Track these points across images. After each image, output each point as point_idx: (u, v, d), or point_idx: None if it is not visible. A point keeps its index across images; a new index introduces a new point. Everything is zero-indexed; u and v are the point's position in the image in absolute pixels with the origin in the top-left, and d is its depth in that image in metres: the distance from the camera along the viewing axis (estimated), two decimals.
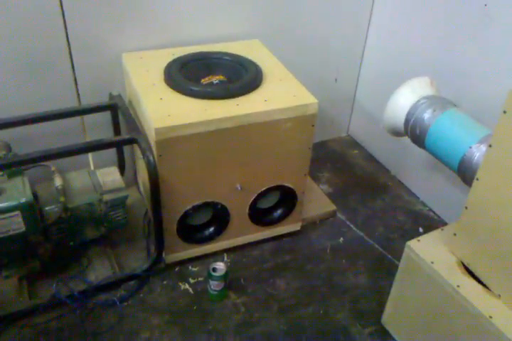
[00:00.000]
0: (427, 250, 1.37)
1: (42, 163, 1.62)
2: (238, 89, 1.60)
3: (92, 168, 2.02)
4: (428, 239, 1.41)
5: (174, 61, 1.71)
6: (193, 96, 1.58)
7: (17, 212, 1.48)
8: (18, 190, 1.50)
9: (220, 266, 1.70)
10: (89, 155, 2.01)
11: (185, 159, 1.56)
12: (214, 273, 1.67)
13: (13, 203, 1.46)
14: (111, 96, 1.80)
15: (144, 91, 1.61)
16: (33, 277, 1.72)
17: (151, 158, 1.52)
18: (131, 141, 1.60)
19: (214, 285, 1.69)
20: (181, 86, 1.60)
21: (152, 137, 1.49)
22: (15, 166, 1.51)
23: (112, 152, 1.95)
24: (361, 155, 2.50)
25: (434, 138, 1.55)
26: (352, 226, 2.06)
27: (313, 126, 1.67)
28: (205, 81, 1.67)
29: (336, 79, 2.38)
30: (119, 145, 1.87)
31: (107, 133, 1.86)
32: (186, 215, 1.71)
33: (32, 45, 1.67)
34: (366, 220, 2.10)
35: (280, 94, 1.63)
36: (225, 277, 1.69)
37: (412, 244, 1.40)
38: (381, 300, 1.69)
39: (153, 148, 1.51)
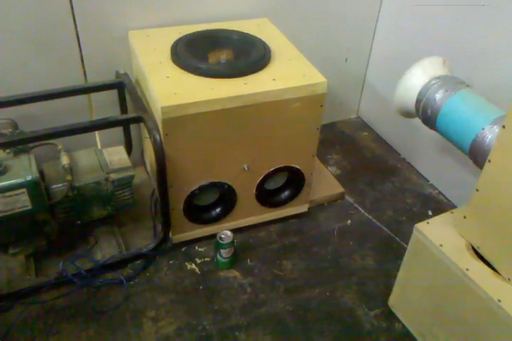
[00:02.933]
0: (436, 233, 1.35)
1: (48, 142, 1.61)
2: (246, 67, 1.57)
3: (99, 147, 2.01)
4: (437, 222, 1.39)
5: (181, 39, 1.68)
6: (200, 75, 1.55)
7: (23, 190, 1.48)
8: (25, 168, 1.49)
9: (227, 234, 1.72)
10: (97, 135, 2.00)
11: (192, 138, 1.55)
12: (223, 242, 1.69)
13: (20, 181, 1.46)
14: (117, 75, 1.77)
15: (151, 70, 1.58)
16: (40, 255, 1.73)
17: (157, 136, 1.50)
18: (137, 120, 1.58)
19: (225, 253, 1.72)
20: (188, 64, 1.57)
21: (158, 116, 1.47)
22: (20, 144, 1.51)
23: (119, 131, 1.94)
24: (370, 137, 2.47)
25: (445, 119, 1.51)
26: (360, 208, 2.05)
27: (322, 106, 1.64)
28: (212, 59, 1.64)
29: (346, 59, 2.34)
30: (124, 124, 1.85)
31: (113, 112, 1.85)
32: (193, 195, 1.70)
33: (38, 22, 1.65)
34: (374, 203, 2.08)
35: (289, 74, 1.60)
36: (233, 243, 1.72)
37: (421, 226, 1.38)
38: (388, 283, 1.68)
39: (160, 127, 1.50)
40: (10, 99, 1.61)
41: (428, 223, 1.39)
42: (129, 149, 1.97)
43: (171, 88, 1.50)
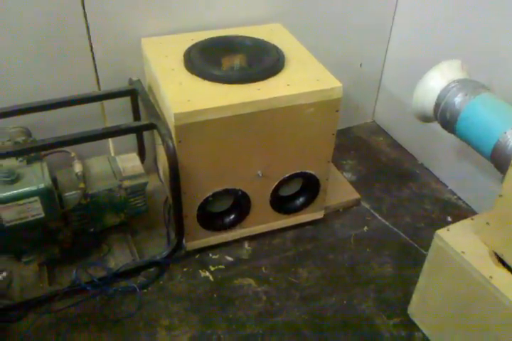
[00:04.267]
0: (458, 239, 1.31)
1: (62, 149, 1.60)
2: (259, 73, 1.56)
3: (112, 154, 2.00)
4: (458, 228, 1.35)
5: (194, 46, 1.67)
6: (213, 81, 1.54)
7: (36, 198, 1.46)
8: (37, 176, 1.48)
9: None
10: (110, 142, 1.99)
11: (205, 145, 1.53)
12: None
13: (32, 188, 1.45)
14: (130, 82, 1.77)
15: (164, 76, 1.57)
16: (53, 263, 1.72)
17: (170, 143, 1.48)
18: (150, 127, 1.57)
19: None
20: (201, 70, 1.56)
21: (171, 122, 1.46)
22: (33, 152, 1.50)
23: (132, 138, 1.93)
24: (387, 142, 2.43)
25: (465, 123, 1.48)
26: (377, 214, 2.01)
27: (337, 111, 1.61)
28: (225, 65, 1.62)
29: (360, 64, 2.31)
30: (137, 131, 1.84)
31: (126, 119, 1.83)
32: (207, 202, 1.67)
33: (50, 30, 1.65)
34: (392, 209, 2.04)
35: (303, 79, 1.58)
36: None
37: (442, 233, 1.34)
38: (407, 290, 1.64)
39: (173, 134, 1.48)
40: (23, 107, 1.61)
41: (449, 230, 1.35)
42: (142, 156, 1.96)
43: (184, 95, 1.49)
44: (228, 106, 1.46)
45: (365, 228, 1.95)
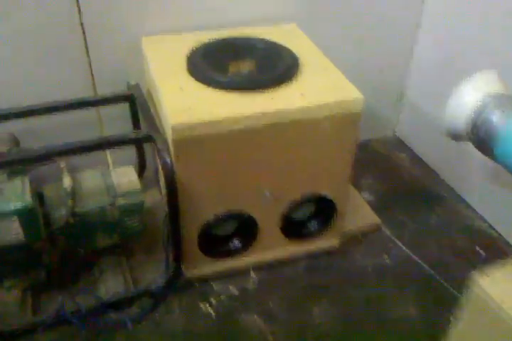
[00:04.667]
0: (498, 287, 1.10)
1: (50, 160, 1.44)
2: (270, 80, 1.39)
3: (110, 164, 1.85)
4: (499, 275, 1.14)
5: (199, 47, 1.51)
6: (218, 88, 1.37)
7: (14, 218, 1.30)
8: (16, 193, 1.32)
9: None
10: (107, 151, 1.83)
11: (208, 161, 1.36)
12: None
13: (8, 208, 1.28)
14: (129, 86, 1.61)
15: (162, 80, 1.41)
16: (39, 289, 1.55)
17: (167, 159, 1.32)
18: (146, 139, 1.41)
19: None
20: (205, 75, 1.39)
21: (169, 135, 1.29)
22: (13, 165, 1.34)
23: (132, 148, 1.76)
24: (410, 159, 2.23)
25: (504, 144, 1.29)
26: (399, 243, 1.81)
27: (357, 126, 1.43)
28: (232, 70, 1.48)
29: (381, 70, 2.12)
30: (131, 143, 1.67)
31: (125, 127, 1.68)
32: (208, 225, 1.50)
33: (40, 26, 1.51)
34: (415, 236, 1.84)
35: (319, 88, 1.41)
36: None
37: (480, 279, 1.13)
38: (433, 335, 1.42)
39: (171, 148, 1.31)
40: (11, 111, 1.46)
41: (488, 276, 1.14)
42: (142, 167, 1.81)
43: (184, 102, 1.32)
44: (235, 118, 1.30)
45: (386, 258, 1.74)
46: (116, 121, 1.71)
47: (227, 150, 1.35)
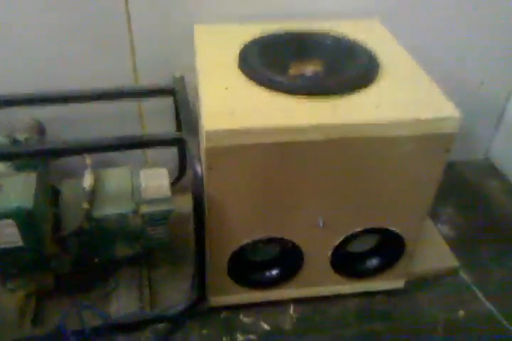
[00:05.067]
0: None
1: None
2: (339, 85, 1.12)
3: (149, 162, 1.68)
4: None
5: (256, 39, 1.28)
6: (273, 90, 1.11)
7: (9, 221, 1.11)
8: (17, 191, 1.12)
9: None
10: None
11: (247, 177, 1.11)
12: None
13: (5, 208, 1.09)
14: (174, 79, 1.39)
15: (207, 76, 1.18)
16: (44, 295, 1.38)
17: (198, 169, 1.07)
18: (177, 142, 1.17)
19: None
20: (259, 73, 1.14)
21: (203, 141, 1.04)
22: (16, 158, 1.15)
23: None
24: (503, 189, 1.90)
25: None
26: (479, 293, 1.48)
27: (448, 151, 1.11)
28: (294, 70, 1.22)
29: (481, 82, 1.80)
30: (160, 145, 1.44)
31: (168, 121, 1.49)
32: (242, 251, 1.25)
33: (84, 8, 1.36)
34: (502, 287, 1.51)
35: (401, 99, 1.12)
36: None
37: None
38: None
39: (203, 157, 1.06)
40: (41, 95, 1.33)
41: None
42: (182, 169, 1.60)
43: (227, 105, 1.08)
44: (287, 129, 1.03)
45: (461, 312, 1.42)
46: (159, 115, 1.54)
47: (272, 166, 1.09)
